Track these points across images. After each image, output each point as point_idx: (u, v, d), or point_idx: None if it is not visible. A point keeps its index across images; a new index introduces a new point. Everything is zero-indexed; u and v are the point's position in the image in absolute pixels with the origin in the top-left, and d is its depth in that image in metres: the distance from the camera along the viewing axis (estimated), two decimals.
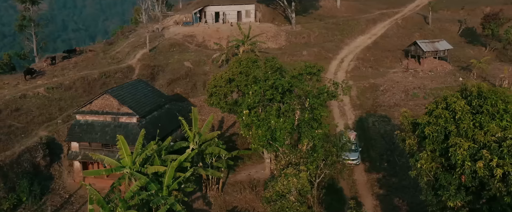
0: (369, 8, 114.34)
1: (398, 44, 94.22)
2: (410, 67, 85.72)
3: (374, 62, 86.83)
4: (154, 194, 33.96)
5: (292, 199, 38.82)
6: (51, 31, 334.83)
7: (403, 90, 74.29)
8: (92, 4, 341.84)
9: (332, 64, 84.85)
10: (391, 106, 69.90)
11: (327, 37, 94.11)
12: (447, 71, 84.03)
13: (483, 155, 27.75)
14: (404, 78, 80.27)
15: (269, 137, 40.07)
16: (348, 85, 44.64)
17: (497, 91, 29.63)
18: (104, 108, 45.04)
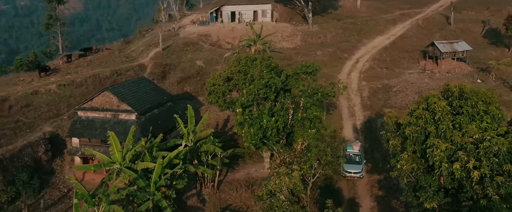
0: (390, 8, 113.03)
1: (417, 45, 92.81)
2: (427, 68, 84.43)
3: (390, 63, 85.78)
4: (140, 189, 34.55)
5: (282, 198, 38.84)
6: (86, 31, 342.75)
7: (416, 91, 73.16)
8: (126, 4, 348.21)
9: (347, 65, 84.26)
10: (403, 107, 68.78)
11: (344, 37, 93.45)
12: (465, 73, 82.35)
13: (459, 157, 27.31)
14: (420, 79, 79.05)
15: (261, 136, 40.19)
16: (344, 86, 44.33)
17: (478, 92, 29.12)
18: (105, 105, 46.04)
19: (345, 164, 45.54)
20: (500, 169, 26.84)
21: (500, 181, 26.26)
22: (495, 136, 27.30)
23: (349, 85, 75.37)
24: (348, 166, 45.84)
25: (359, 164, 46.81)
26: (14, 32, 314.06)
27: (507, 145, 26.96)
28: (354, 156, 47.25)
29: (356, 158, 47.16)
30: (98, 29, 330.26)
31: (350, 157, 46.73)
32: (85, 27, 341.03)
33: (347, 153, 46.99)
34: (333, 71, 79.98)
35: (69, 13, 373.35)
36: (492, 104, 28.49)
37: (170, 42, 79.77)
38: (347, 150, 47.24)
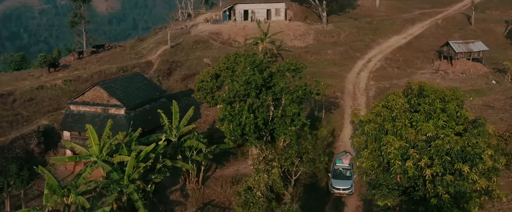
0: (410, 7, 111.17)
1: (434, 45, 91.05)
2: (441, 68, 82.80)
3: (403, 63, 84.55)
4: (114, 182, 35.36)
5: (259, 194, 39.04)
6: (123, 29, 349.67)
7: None
8: (162, 4, 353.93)
9: (358, 64, 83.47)
10: None
11: (358, 36, 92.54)
12: (481, 74, 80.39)
13: (411, 155, 26.93)
14: (431, 79, 77.48)
15: (240, 132, 40.46)
16: (326, 84, 44.15)
17: (437, 90, 28.61)
18: (95, 99, 47.23)
19: (333, 179, 42.91)
20: (452, 168, 26.34)
21: (449, 180, 25.79)
22: (450, 134, 26.78)
23: (357, 84, 74.76)
24: (337, 181, 42.72)
25: (348, 179, 42.81)
26: (54, 30, 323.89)
27: (461, 143, 26.42)
28: (344, 170, 43.58)
29: (346, 172, 43.35)
30: (134, 28, 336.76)
31: (339, 171, 43.47)
32: (122, 26, 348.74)
33: (336, 167, 44.10)
34: (343, 70, 79.42)
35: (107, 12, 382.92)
36: (451, 102, 27.90)
37: (180, 40, 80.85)
38: (336, 164, 44.37)
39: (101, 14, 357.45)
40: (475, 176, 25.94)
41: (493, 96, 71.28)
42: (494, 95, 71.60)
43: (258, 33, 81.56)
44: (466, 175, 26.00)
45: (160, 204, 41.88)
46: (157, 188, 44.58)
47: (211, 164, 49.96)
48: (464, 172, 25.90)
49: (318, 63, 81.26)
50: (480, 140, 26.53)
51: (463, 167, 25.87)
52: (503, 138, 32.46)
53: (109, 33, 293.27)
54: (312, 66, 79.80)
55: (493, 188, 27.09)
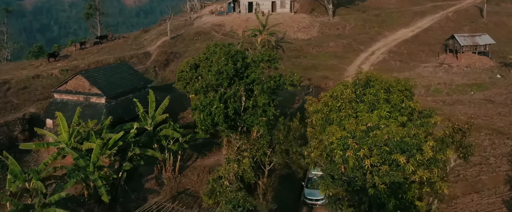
0: (423, 0, 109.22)
1: (441, 38, 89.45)
2: (446, 62, 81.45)
3: (407, 56, 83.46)
4: (78, 168, 36.13)
5: (226, 184, 39.28)
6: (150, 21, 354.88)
7: (424, 85, 71.07)
8: None
9: (360, 57, 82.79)
10: None
11: (363, 29, 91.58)
12: (486, 68, 78.81)
13: (350, 145, 26.78)
14: (434, 73, 76.59)
15: (210, 122, 40.73)
16: (299, 76, 43.97)
17: (382, 81, 28.32)
18: (77, 88, 48.15)
19: (307, 189, 41.41)
20: (390, 158, 26.12)
21: (384, 170, 25.58)
22: (391, 124, 26.54)
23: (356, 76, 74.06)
24: (310, 191, 40.91)
25: None
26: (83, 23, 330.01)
27: (401, 134, 26.15)
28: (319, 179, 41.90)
29: None
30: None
31: (314, 180, 39.16)
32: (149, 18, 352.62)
33: (311, 176, 42.38)
34: (343, 63, 78.90)
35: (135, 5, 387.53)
36: (395, 93, 27.58)
37: (182, 31, 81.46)
38: (311, 171, 42.58)
39: (129, 7, 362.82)
40: (412, 167, 25.63)
41: (496, 90, 69.93)
42: (497, 89, 70.23)
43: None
44: (402, 165, 25.74)
45: (133, 192, 42.51)
46: (134, 176, 45.36)
47: (192, 153, 50.42)
48: (400, 162, 25.63)
49: (319, 56, 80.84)
50: (420, 131, 26.19)
51: (399, 157, 25.60)
52: (462, 130, 31.81)
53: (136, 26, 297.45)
54: (312, 58, 79.62)
55: (435, 180, 26.69)
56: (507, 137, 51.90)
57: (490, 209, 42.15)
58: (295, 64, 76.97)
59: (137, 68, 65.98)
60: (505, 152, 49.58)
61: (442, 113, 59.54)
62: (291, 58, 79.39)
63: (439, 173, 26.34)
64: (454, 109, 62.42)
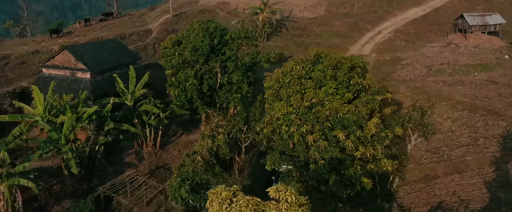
0: None
1: (452, 18, 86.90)
2: (454, 42, 79.42)
3: (414, 36, 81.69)
4: (50, 141, 37.03)
5: (198, 159, 39.71)
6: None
7: (427, 65, 69.62)
8: None
9: (366, 36, 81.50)
10: (406, 81, 66.16)
11: (372, 8, 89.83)
12: (495, 48, 76.56)
13: (293, 121, 26.71)
14: (439, 53, 74.87)
15: (184, 97, 41.04)
16: (276, 54, 43.70)
17: (331, 58, 27.98)
18: (64, 63, 49.05)
19: (275, 184, 39.47)
20: (331, 135, 25.98)
21: (323, 146, 25.48)
22: (335, 101, 26.31)
23: None
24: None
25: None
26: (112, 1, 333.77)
27: (344, 110, 25.94)
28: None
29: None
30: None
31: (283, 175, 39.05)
32: None
33: (282, 170, 42.25)
34: (347, 42, 77.89)
35: None
36: (342, 70, 27.23)
37: (186, 9, 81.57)
38: (282, 166, 41.65)
39: None
40: (351, 143, 25.46)
41: (501, 71, 68.08)
42: (502, 70, 68.35)
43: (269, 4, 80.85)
44: (342, 142, 25.59)
45: (112, 165, 43.35)
46: (115, 150, 46.20)
47: (178, 129, 50.96)
48: (340, 138, 25.47)
49: (323, 35, 79.98)
50: (362, 108, 25.90)
51: (339, 133, 25.44)
52: (422, 109, 31.28)
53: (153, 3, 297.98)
54: (315, 37, 78.84)
55: (379, 157, 26.47)
56: (502, 118, 50.67)
57: (470, 189, 41.49)
58: (297, 43, 76.44)
59: (136, 45, 66.67)
60: (497, 133, 48.46)
61: (440, 93, 58.59)
62: (294, 37, 78.85)
63: (383, 150, 25.99)
64: (454, 89, 61.12)
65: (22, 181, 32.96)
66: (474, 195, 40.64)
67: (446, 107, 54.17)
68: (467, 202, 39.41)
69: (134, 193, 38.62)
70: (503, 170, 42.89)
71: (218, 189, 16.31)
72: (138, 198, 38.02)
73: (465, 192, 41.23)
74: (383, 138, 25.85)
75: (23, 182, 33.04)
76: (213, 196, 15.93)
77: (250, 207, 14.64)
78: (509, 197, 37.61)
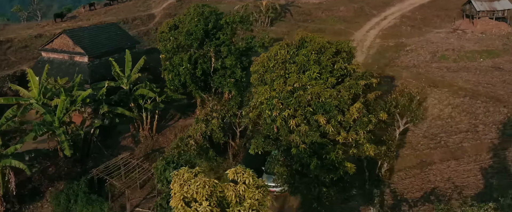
0: None
1: (460, 3, 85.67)
2: (461, 28, 78.45)
3: (420, 22, 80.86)
4: (43, 123, 37.49)
5: (191, 142, 39.96)
6: None
7: (432, 51, 68.93)
8: None
9: (371, 22, 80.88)
10: (409, 67, 65.64)
11: None
12: (502, 34, 75.52)
13: (275, 105, 26.70)
14: (445, 39, 74.04)
15: (177, 82, 41.18)
16: (270, 38, 43.54)
17: (315, 42, 27.81)
18: (63, 47, 49.40)
19: (266, 173, 37.06)
20: (313, 119, 25.96)
21: (303, 130, 25.47)
22: (317, 85, 26.22)
23: (362, 42, 72.82)
24: (268, 178, 35.93)
25: None
26: None
27: (326, 95, 25.85)
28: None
29: None
30: None
31: (270, 159, 35.49)
32: None
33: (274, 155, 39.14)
34: (351, 27, 77.38)
35: None
36: (325, 54, 27.07)
37: None
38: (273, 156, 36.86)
39: None
40: (332, 127, 25.41)
41: (507, 57, 67.29)
42: (509, 56, 67.55)
43: None
44: (323, 126, 25.55)
45: (108, 148, 43.77)
46: (112, 134, 46.63)
47: (176, 113, 51.24)
48: (321, 123, 25.44)
49: (328, 20, 79.45)
50: (344, 93, 25.80)
51: (320, 118, 25.40)
52: (411, 95, 31.05)
53: None
54: (320, 23, 78.39)
55: (362, 142, 26.40)
56: (504, 105, 50.14)
57: (465, 176, 41.26)
58: (301, 28, 75.99)
59: (139, 29, 66.85)
60: (497, 120, 47.98)
61: (442, 79, 58.07)
62: (298, 22, 78.43)
63: (365, 135, 25.89)
64: (457, 75, 60.52)
65: (13, 162, 33.43)
66: (468, 181, 40.36)
67: (448, 93, 53.73)
68: (461, 188, 39.17)
69: (128, 176, 38.97)
70: (501, 157, 42.52)
71: (181, 170, 16.41)
72: (131, 181, 38.38)
73: (460, 179, 40.98)
74: (366, 122, 25.69)
75: (14, 163, 33.50)
76: (175, 177, 16.02)
77: (207, 189, 14.68)
78: (502, 183, 37.33)
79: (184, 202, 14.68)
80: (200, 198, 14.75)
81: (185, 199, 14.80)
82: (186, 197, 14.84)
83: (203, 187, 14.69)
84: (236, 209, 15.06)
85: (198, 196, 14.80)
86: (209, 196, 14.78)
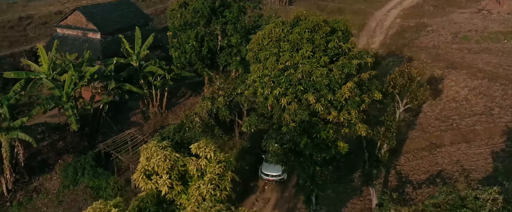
0: None
1: None
2: (487, 8, 76.18)
3: (444, 1, 78.91)
4: (51, 98, 38.37)
5: (196, 120, 40.34)
6: None
7: (453, 32, 67.26)
8: None
9: (393, 1, 79.75)
10: (429, 47, 64.33)
11: None
12: None
13: (266, 83, 26.66)
14: (468, 20, 72.05)
15: (183, 59, 41.43)
16: (278, 17, 43.11)
17: (309, 20, 27.49)
18: (76, 23, 50.20)
19: (265, 163, 36.98)
20: (304, 98, 25.88)
21: (293, 109, 25.43)
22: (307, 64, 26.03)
23: (381, 22, 71.69)
24: (267, 166, 36.48)
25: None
26: None
27: (317, 74, 25.65)
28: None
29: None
30: None
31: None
32: None
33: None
34: (372, 7, 76.17)
35: None
36: (319, 33, 26.75)
37: None
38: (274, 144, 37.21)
39: None
40: (321, 106, 25.29)
41: None
42: None
43: None
44: (313, 105, 25.45)
45: (117, 124, 44.56)
46: (122, 109, 47.43)
47: (187, 91, 51.69)
48: (311, 102, 25.34)
49: None
50: (336, 72, 25.56)
51: (309, 96, 25.28)
52: (410, 76, 30.52)
53: None
54: (340, 1, 77.39)
55: (354, 121, 26.19)
56: None
57: (474, 159, 40.57)
58: (320, 7, 75.23)
59: (156, 7, 67.25)
60: None
61: (462, 61, 56.82)
62: (318, 1, 77.56)
63: (357, 114, 25.66)
64: (478, 57, 59.07)
65: (20, 134, 34.36)
66: (477, 165, 39.69)
67: (466, 75, 52.68)
68: (468, 172, 38.54)
69: (134, 151, 39.66)
70: None
71: (150, 144, 16.63)
72: (137, 156, 38.98)
73: (469, 162, 40.32)
74: (358, 102, 25.42)
75: (21, 136, 34.45)
76: (144, 151, 16.26)
77: (167, 162, 14.86)
78: (509, 167, 36.54)
79: (145, 175, 14.86)
80: (161, 171, 14.91)
81: (146, 172, 14.99)
82: (147, 170, 15.03)
83: (164, 160, 14.85)
84: (197, 183, 15.20)
85: (159, 169, 14.96)
86: (170, 170, 14.94)
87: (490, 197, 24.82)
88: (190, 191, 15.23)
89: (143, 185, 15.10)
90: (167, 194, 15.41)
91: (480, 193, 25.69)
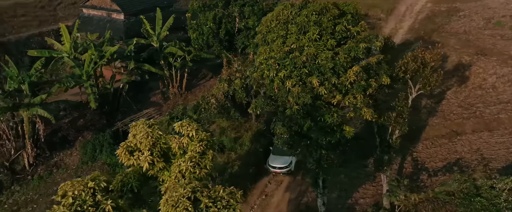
0: None
1: None
2: None
3: None
4: (71, 76, 39.39)
5: (212, 101, 40.76)
6: None
7: (487, 17, 65.11)
8: None
9: None
10: (459, 33, 62.55)
11: None
12: None
13: (271, 65, 26.64)
14: (504, 4, 69.46)
15: (201, 41, 41.72)
16: None
17: (317, 3, 27.20)
18: (101, 4, 51.07)
19: (272, 154, 36.53)
20: (307, 80, 25.79)
21: (296, 92, 25.38)
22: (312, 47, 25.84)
23: (412, 7, 70.06)
24: (274, 158, 36.02)
25: (287, 154, 34.59)
26: None
27: (323, 57, 25.47)
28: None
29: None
30: None
31: (277, 147, 34.37)
32: None
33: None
34: None
35: None
36: (327, 16, 26.45)
37: None
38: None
39: None
40: (324, 90, 25.16)
41: None
42: None
43: None
44: (316, 88, 25.36)
45: (137, 103, 45.38)
46: (143, 89, 48.21)
47: (208, 73, 52.05)
48: (314, 85, 25.24)
49: None
50: (342, 55, 25.32)
51: (313, 79, 25.18)
52: (423, 60, 29.82)
53: None
54: None
55: (359, 106, 25.98)
56: None
57: (496, 148, 39.57)
58: None
59: None
60: None
61: (493, 47, 55.24)
62: None
63: (362, 98, 25.42)
64: (510, 44, 57.18)
65: (39, 111, 35.46)
66: (498, 154, 38.72)
67: (496, 62, 51.22)
68: (488, 161, 37.59)
69: None
70: None
71: (139, 122, 16.94)
72: None
73: (490, 150, 39.39)
74: (363, 86, 25.14)
75: (40, 112, 35.54)
76: (132, 128, 16.60)
77: (149, 139, 15.14)
78: None
79: (127, 151, 15.18)
80: (143, 148, 15.21)
81: (129, 148, 15.31)
82: (130, 146, 15.35)
83: (146, 137, 15.12)
84: (179, 161, 15.45)
85: (142, 146, 15.26)
86: (152, 147, 15.21)
87: (506, 186, 24.36)
88: (172, 168, 15.50)
89: (125, 161, 15.45)
90: (149, 170, 15.74)
91: (496, 183, 25.17)
